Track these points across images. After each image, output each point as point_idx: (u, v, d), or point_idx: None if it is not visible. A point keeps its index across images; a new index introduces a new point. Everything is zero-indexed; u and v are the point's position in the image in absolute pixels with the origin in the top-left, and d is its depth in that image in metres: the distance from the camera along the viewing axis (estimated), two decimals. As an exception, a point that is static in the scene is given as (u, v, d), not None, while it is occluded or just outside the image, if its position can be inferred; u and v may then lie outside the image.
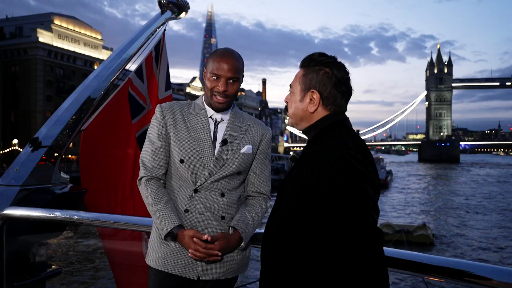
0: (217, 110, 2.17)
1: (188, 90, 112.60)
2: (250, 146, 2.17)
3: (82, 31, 76.13)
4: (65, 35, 72.11)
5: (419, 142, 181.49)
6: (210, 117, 2.17)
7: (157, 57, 4.10)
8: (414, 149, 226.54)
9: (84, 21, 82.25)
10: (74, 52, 72.28)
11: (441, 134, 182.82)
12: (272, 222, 1.71)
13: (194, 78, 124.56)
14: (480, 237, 26.98)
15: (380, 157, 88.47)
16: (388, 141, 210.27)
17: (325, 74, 1.70)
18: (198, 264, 2.05)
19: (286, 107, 1.84)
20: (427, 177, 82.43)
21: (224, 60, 2.08)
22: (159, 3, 4.26)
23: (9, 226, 2.80)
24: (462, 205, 41.44)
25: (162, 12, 4.27)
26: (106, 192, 3.72)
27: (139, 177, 2.17)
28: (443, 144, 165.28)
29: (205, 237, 1.98)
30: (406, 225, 25.35)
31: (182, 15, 4.35)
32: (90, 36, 77.34)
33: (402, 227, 24.09)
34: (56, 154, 3.35)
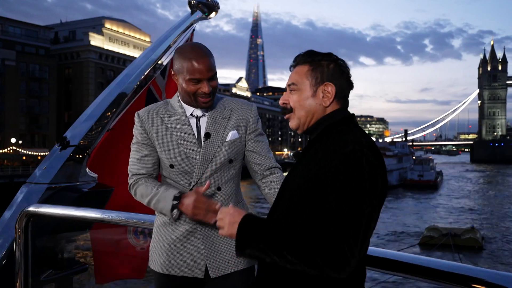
0: (203, 108, 2.11)
1: (234, 90, 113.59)
2: (235, 131, 2.11)
3: (132, 33, 78.33)
4: (116, 38, 74.43)
5: (471, 142, 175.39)
6: (191, 114, 2.11)
7: None
8: (466, 150, 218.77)
9: (136, 23, 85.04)
10: (124, 54, 74.48)
11: (495, 133, 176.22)
12: None
13: (240, 79, 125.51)
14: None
15: (430, 157, 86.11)
16: (438, 141, 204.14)
17: (335, 67, 1.63)
18: (203, 263, 2.04)
19: (284, 109, 1.70)
20: (479, 179, 79.46)
21: (199, 61, 1.99)
22: (189, 3, 4.28)
23: (36, 223, 2.87)
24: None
25: (192, 12, 4.29)
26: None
27: (129, 185, 2.13)
28: (497, 144, 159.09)
29: (206, 185, 1.94)
30: (453, 228, 24.56)
31: (212, 15, 4.36)
32: (139, 39, 79.45)
33: (450, 230, 23.34)
34: (83, 154, 3.43)
